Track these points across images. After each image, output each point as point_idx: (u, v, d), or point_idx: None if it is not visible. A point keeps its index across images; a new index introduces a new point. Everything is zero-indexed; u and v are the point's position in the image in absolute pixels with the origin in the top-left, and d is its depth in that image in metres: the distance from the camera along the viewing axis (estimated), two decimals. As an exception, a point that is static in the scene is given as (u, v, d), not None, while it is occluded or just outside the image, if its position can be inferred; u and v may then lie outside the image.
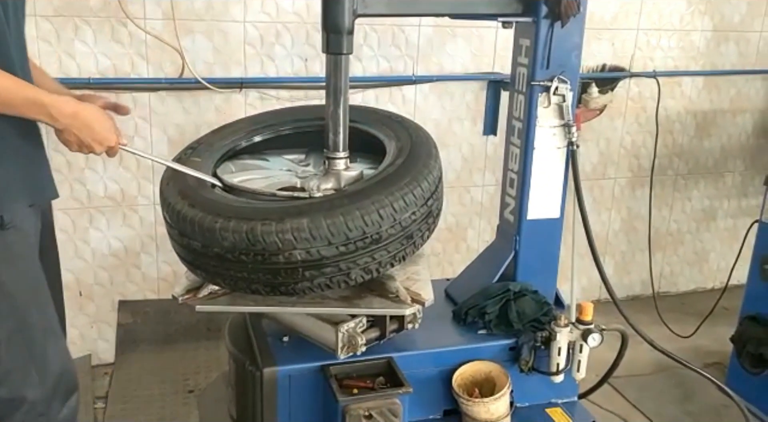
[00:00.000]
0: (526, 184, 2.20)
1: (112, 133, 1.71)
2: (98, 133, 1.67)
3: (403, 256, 1.87)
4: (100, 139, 1.68)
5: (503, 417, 2.05)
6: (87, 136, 1.65)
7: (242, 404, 2.09)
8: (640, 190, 3.92)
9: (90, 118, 1.65)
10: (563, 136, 2.18)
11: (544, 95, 2.12)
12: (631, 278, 4.08)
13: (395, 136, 2.05)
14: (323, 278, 1.76)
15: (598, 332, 2.07)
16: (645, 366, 3.24)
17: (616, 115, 3.74)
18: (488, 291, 2.23)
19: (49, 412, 1.77)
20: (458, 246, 3.69)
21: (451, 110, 3.46)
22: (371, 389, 1.90)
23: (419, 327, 2.08)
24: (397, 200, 1.77)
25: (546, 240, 2.28)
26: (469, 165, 3.58)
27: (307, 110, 2.35)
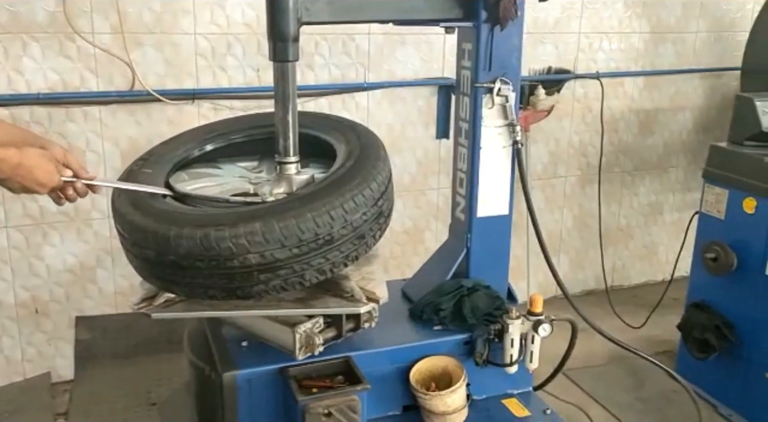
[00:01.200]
0: (475, 183, 2.27)
1: (54, 174, 1.72)
2: (40, 178, 1.69)
3: (356, 256, 1.91)
4: (43, 183, 1.70)
5: (460, 409, 2.10)
6: (30, 182, 1.68)
7: (204, 411, 2.10)
8: (589, 188, 4.04)
9: (31, 164, 1.67)
10: (508, 136, 2.25)
11: (487, 96, 2.19)
12: (585, 273, 4.20)
13: (345, 139, 2.10)
14: (278, 280, 1.80)
15: (548, 322, 2.14)
16: (599, 357, 3.34)
17: (564, 116, 3.85)
18: (442, 288, 2.29)
19: None
20: (416, 248, 3.75)
21: (403, 115, 3.53)
22: (330, 388, 1.94)
23: (377, 326, 2.12)
24: (347, 201, 1.82)
25: (496, 237, 2.35)
26: (424, 168, 3.65)
27: (258, 118, 2.39)
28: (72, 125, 3.00)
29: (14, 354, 3.12)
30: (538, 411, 2.21)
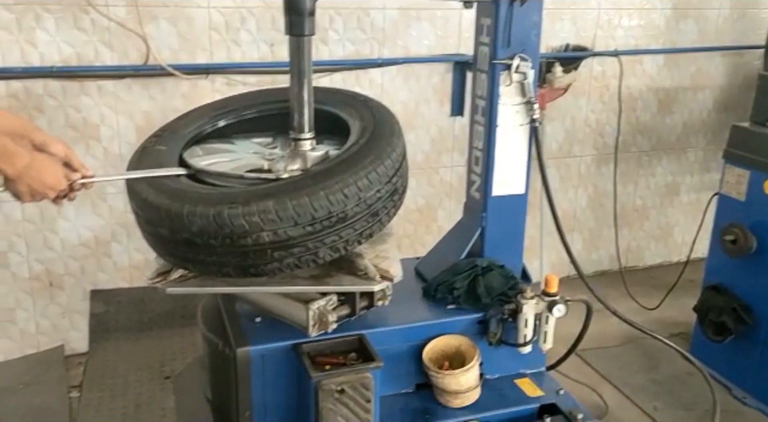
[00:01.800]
0: (491, 161, 2.24)
1: (62, 178, 1.70)
2: (49, 181, 1.66)
3: (369, 234, 1.90)
4: (53, 186, 1.68)
5: (473, 388, 2.10)
6: (39, 184, 1.65)
7: (217, 386, 2.12)
8: (605, 167, 4.00)
9: (41, 167, 1.65)
10: (525, 114, 2.22)
11: (505, 73, 2.15)
12: (599, 254, 4.17)
13: (359, 115, 2.07)
14: (292, 258, 1.79)
15: (563, 303, 2.12)
16: (613, 338, 3.32)
17: (580, 94, 3.80)
18: (456, 267, 2.28)
19: None
20: (429, 226, 3.73)
21: (418, 92, 3.49)
22: (343, 365, 1.94)
23: (390, 303, 2.12)
24: (361, 179, 1.80)
25: (511, 216, 2.33)
26: (438, 146, 3.62)
27: (272, 93, 2.36)
28: (86, 99, 2.99)
29: (28, 327, 3.15)
30: (551, 391, 2.20)
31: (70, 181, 1.72)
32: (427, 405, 2.12)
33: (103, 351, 3.16)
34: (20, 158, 1.59)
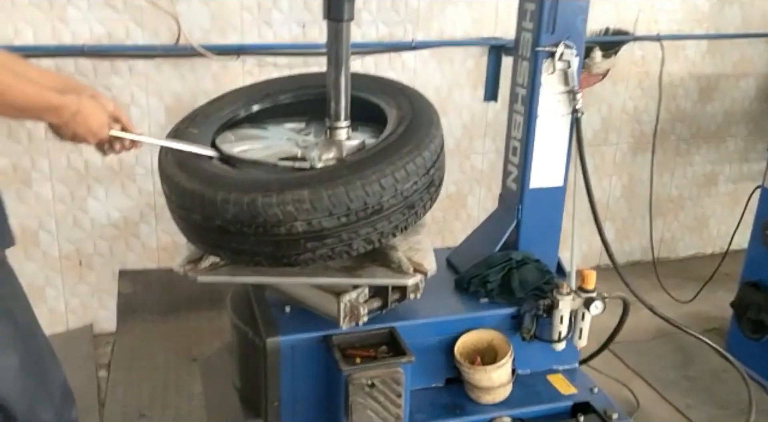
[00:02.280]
0: (530, 153, 2.18)
1: (105, 126, 1.69)
2: (94, 127, 1.66)
3: (405, 226, 1.86)
4: (95, 132, 1.67)
5: (505, 384, 2.06)
6: (84, 130, 1.64)
7: (246, 374, 2.10)
8: (641, 156, 3.90)
9: (88, 113, 1.63)
10: (568, 103, 2.15)
11: (548, 61, 2.08)
12: (631, 244, 4.08)
13: (396, 104, 2.02)
14: (325, 249, 1.75)
15: (601, 300, 2.07)
16: (645, 332, 3.25)
17: (619, 80, 3.69)
18: (490, 260, 2.23)
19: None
20: (458, 214, 3.68)
21: (451, 76, 3.42)
22: (374, 358, 1.90)
23: (421, 296, 2.08)
24: (398, 170, 1.75)
25: (549, 209, 2.27)
26: (470, 132, 3.55)
27: (306, 78, 2.31)
28: (117, 78, 2.97)
29: (58, 305, 3.16)
30: (584, 389, 2.16)
31: (113, 130, 1.72)
32: (457, 400, 2.09)
33: (131, 332, 3.17)
34: (67, 109, 1.58)
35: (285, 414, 1.97)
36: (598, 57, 3.44)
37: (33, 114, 1.61)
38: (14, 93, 1.50)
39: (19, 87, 1.51)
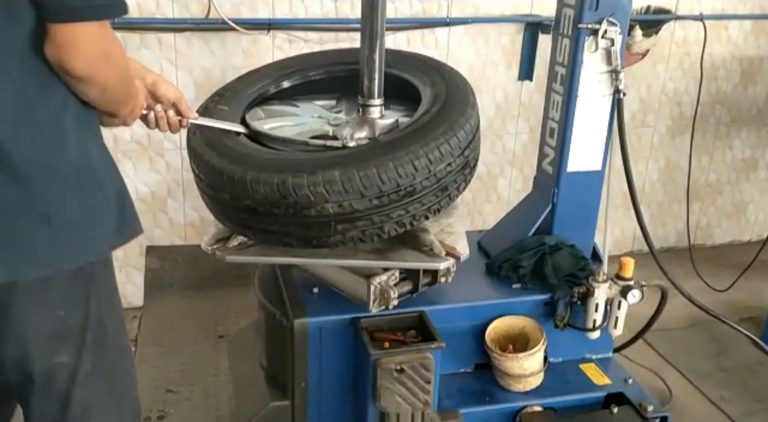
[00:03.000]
0: (568, 134, 2.10)
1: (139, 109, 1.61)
2: (136, 110, 1.59)
3: (437, 209, 1.80)
4: (135, 116, 1.60)
5: (536, 373, 2.01)
6: (131, 119, 1.59)
7: (272, 354, 2.08)
8: (679, 139, 3.78)
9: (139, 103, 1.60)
10: (609, 83, 2.06)
11: (591, 39, 2.00)
12: (666, 229, 3.98)
13: (431, 81, 1.95)
14: (356, 231, 1.71)
15: (638, 288, 2.00)
16: (678, 320, 3.17)
17: (659, 60, 3.57)
18: (523, 244, 2.17)
19: None
20: (488, 195, 3.61)
21: (485, 54, 3.33)
22: (403, 342, 1.87)
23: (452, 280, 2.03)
24: (432, 151, 1.69)
25: (585, 194, 2.20)
26: (503, 112, 3.47)
27: (337, 54, 2.25)
28: (147, 52, 2.93)
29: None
30: (618, 379, 2.10)
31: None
32: (487, 386, 2.05)
33: (158, 307, 3.17)
34: (135, 100, 1.53)
35: (312, 395, 1.95)
36: (638, 36, 3.32)
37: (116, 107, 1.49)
38: (129, 85, 1.44)
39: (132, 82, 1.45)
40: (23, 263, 1.32)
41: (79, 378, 1.47)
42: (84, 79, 1.30)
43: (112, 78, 1.35)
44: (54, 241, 1.34)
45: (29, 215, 1.30)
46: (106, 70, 1.33)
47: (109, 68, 1.34)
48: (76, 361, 1.46)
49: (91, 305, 1.46)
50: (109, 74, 1.34)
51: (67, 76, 1.29)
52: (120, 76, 1.39)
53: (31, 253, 1.33)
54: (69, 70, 1.27)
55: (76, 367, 1.46)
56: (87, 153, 1.39)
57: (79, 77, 1.29)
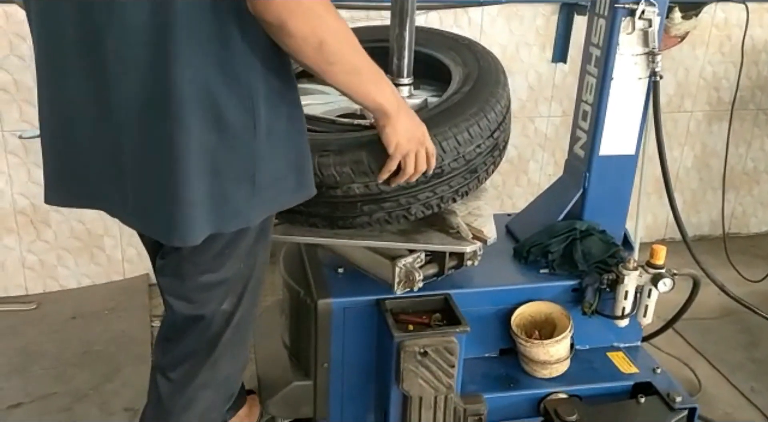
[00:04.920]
0: (601, 117, 2.05)
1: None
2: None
3: (465, 191, 1.78)
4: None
5: (563, 360, 1.99)
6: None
7: (296, 333, 2.08)
8: (717, 125, 3.68)
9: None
10: (646, 66, 2.00)
11: (628, 19, 1.94)
12: (699, 217, 3.90)
13: (462, 61, 1.91)
14: (382, 213, 1.69)
15: (670, 277, 1.96)
16: (709, 310, 3.11)
17: (699, 44, 3.47)
18: (553, 229, 2.13)
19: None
20: (519, 179, 3.56)
21: (519, 35, 3.27)
22: (427, 325, 1.85)
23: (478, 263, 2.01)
24: (461, 132, 1.67)
25: (618, 178, 2.15)
26: (535, 94, 3.41)
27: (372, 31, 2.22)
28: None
29: (115, 254, 3.21)
30: (646, 369, 2.06)
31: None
32: (512, 372, 2.03)
33: (185, 283, 3.19)
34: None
35: (334, 376, 1.95)
36: (677, 18, 3.23)
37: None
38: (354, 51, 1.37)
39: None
40: (226, 217, 1.39)
41: (232, 323, 1.58)
42: (280, 27, 1.24)
43: (319, 32, 1.27)
44: (251, 198, 1.40)
45: (237, 174, 1.36)
46: (305, 18, 1.25)
47: (311, 19, 1.26)
48: (235, 308, 1.57)
49: (258, 256, 1.57)
50: (315, 26, 1.27)
51: (266, 24, 1.26)
52: (333, 34, 1.30)
53: (233, 209, 1.39)
54: (263, 14, 1.23)
55: (233, 313, 1.57)
56: (281, 118, 1.41)
57: (272, 23, 1.24)
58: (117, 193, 1.41)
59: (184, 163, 1.30)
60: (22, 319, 2.95)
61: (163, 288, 1.57)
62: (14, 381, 2.57)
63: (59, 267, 3.13)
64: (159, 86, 1.27)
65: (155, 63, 1.26)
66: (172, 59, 1.25)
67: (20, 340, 2.80)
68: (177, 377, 1.61)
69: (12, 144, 2.89)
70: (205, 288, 1.51)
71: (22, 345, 2.77)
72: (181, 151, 1.30)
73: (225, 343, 1.60)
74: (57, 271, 3.13)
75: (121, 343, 2.82)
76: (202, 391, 1.62)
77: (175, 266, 1.50)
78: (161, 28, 1.24)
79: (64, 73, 1.37)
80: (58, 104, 1.41)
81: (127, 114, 1.32)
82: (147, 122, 1.31)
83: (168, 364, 1.62)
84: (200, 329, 1.56)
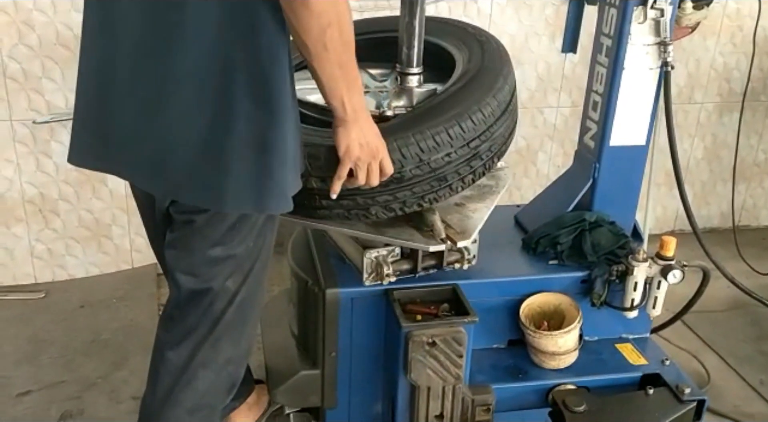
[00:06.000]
0: (612, 108, 2.03)
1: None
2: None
3: (434, 198, 1.73)
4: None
5: (571, 351, 1.98)
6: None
7: (304, 322, 2.08)
8: (728, 117, 3.65)
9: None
10: (657, 56, 1.99)
11: (639, 9, 1.92)
12: (709, 209, 3.87)
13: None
14: (341, 210, 1.69)
15: (680, 269, 1.94)
16: (719, 302, 3.10)
17: (710, 34, 3.44)
18: (562, 220, 2.12)
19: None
20: (527, 170, 3.55)
21: (528, 25, 3.24)
22: (435, 316, 1.85)
23: (487, 254, 2.00)
24: (425, 139, 1.62)
25: (628, 169, 2.13)
26: (544, 85, 3.39)
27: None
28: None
29: (123, 244, 3.21)
30: (655, 360, 2.05)
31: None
32: (520, 363, 2.02)
33: (193, 273, 3.20)
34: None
35: (342, 365, 1.95)
36: (688, 8, 3.16)
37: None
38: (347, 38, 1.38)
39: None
40: (266, 196, 1.44)
41: (235, 302, 1.59)
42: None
43: (333, 14, 1.31)
44: (285, 179, 1.44)
45: (283, 157, 1.41)
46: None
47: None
48: (238, 287, 1.58)
49: (266, 237, 1.60)
50: (331, 7, 1.30)
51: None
52: (342, 20, 1.33)
53: (275, 188, 1.44)
54: None
55: (237, 292, 1.59)
56: (295, 102, 1.47)
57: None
58: (146, 160, 1.46)
59: (237, 137, 1.37)
60: (30, 308, 2.96)
61: (170, 263, 1.59)
62: (23, 369, 2.59)
63: (67, 256, 3.14)
64: (219, 63, 1.33)
65: (219, 40, 1.32)
66: (232, 38, 1.32)
67: (29, 329, 2.81)
68: (178, 354, 1.63)
69: (21, 133, 2.90)
70: (213, 262, 1.53)
71: (31, 333, 2.79)
72: (236, 128, 1.36)
73: (227, 323, 1.61)
74: (65, 260, 3.15)
75: (129, 332, 2.83)
76: (203, 371, 1.64)
77: (185, 239, 1.53)
78: (227, 8, 1.31)
79: (114, 35, 1.42)
80: (104, 64, 1.46)
81: (179, 85, 1.37)
82: (204, 96, 1.37)
83: (169, 341, 1.64)
84: (203, 305, 1.58)
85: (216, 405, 1.73)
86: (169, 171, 1.44)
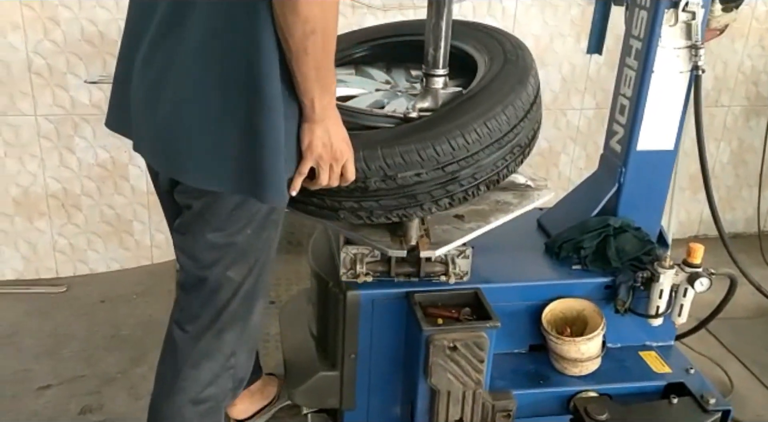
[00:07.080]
0: (640, 112, 2.00)
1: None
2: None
3: (403, 214, 1.70)
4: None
5: (594, 358, 1.95)
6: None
7: (323, 323, 2.07)
8: (755, 120, 3.60)
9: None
10: (688, 59, 1.95)
11: (671, 11, 1.89)
12: (734, 214, 3.81)
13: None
14: (313, 207, 1.72)
15: (707, 276, 1.91)
16: (743, 310, 3.05)
17: (738, 37, 3.39)
18: (586, 225, 2.09)
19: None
20: (549, 172, 3.51)
21: (553, 25, 3.21)
22: (456, 319, 1.83)
23: (509, 258, 1.98)
24: (393, 155, 1.59)
25: (655, 174, 2.10)
26: (568, 86, 3.35)
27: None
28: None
29: (143, 240, 3.23)
30: (679, 369, 2.02)
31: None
32: (541, 369, 2.00)
33: (212, 270, 3.20)
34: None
35: (361, 367, 1.94)
36: (717, 10, 3.12)
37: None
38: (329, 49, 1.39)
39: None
40: (264, 187, 1.45)
41: (240, 293, 1.62)
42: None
43: (319, 21, 1.31)
44: (274, 167, 1.44)
45: (273, 146, 1.41)
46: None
47: (322, 5, 1.31)
48: (243, 278, 1.61)
49: (269, 232, 1.61)
50: (318, 14, 1.30)
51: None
52: (327, 28, 1.34)
53: (273, 179, 1.45)
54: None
55: (242, 283, 1.61)
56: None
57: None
58: (150, 134, 1.50)
59: (228, 120, 1.40)
60: (52, 302, 2.98)
61: (177, 246, 1.64)
62: (44, 362, 2.61)
63: (89, 251, 3.16)
64: (221, 45, 1.37)
65: (224, 21, 1.35)
66: (261, 29, 1.34)
67: (50, 323, 2.83)
68: (182, 338, 1.67)
69: (45, 128, 2.92)
70: (212, 248, 1.56)
71: (52, 327, 2.80)
72: (227, 109, 1.39)
73: (231, 313, 1.63)
74: (87, 255, 3.16)
75: (149, 328, 2.84)
76: (206, 362, 1.66)
77: (187, 223, 1.57)
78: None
79: (149, 6, 1.46)
80: (135, 35, 1.51)
81: (183, 64, 1.40)
82: (205, 77, 1.39)
83: (178, 321, 1.69)
84: (206, 294, 1.61)
85: (220, 401, 1.74)
86: (168, 148, 1.47)
